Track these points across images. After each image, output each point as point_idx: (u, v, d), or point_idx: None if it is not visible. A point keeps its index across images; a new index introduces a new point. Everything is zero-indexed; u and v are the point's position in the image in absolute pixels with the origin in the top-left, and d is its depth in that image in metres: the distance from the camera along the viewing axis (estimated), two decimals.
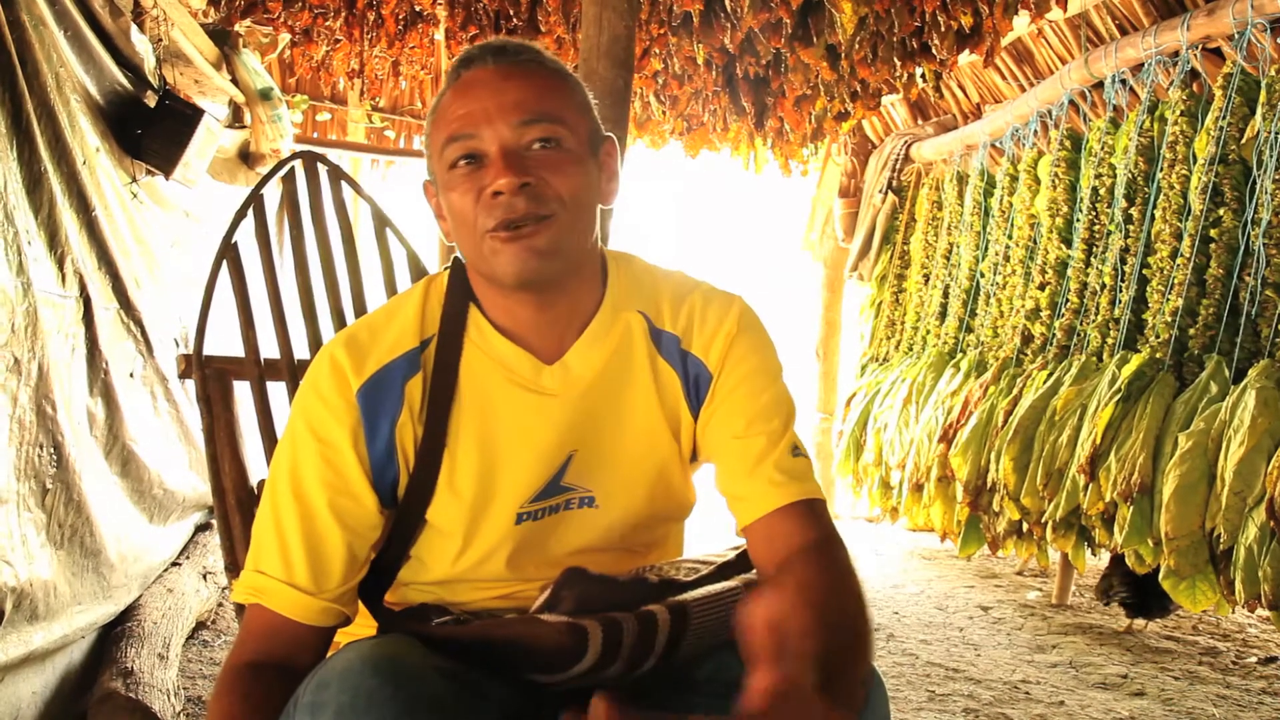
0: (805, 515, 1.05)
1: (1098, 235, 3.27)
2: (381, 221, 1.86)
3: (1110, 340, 3.09)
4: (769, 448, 1.07)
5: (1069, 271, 3.38)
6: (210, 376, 1.60)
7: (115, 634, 2.39)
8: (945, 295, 4.32)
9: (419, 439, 1.05)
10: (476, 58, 1.04)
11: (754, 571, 1.10)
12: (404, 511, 1.06)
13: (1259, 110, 2.63)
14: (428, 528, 1.08)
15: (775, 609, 0.76)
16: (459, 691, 0.90)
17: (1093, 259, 3.28)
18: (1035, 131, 3.76)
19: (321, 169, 1.83)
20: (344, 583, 1.03)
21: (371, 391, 1.03)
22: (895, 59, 3.09)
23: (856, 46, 3.00)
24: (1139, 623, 3.26)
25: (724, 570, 1.11)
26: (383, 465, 1.04)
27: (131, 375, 2.69)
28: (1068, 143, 3.52)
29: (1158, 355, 2.83)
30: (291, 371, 1.65)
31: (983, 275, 4.02)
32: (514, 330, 1.08)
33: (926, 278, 4.54)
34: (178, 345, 3.05)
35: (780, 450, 1.08)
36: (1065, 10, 3.32)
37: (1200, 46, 2.89)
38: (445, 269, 1.13)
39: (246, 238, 1.66)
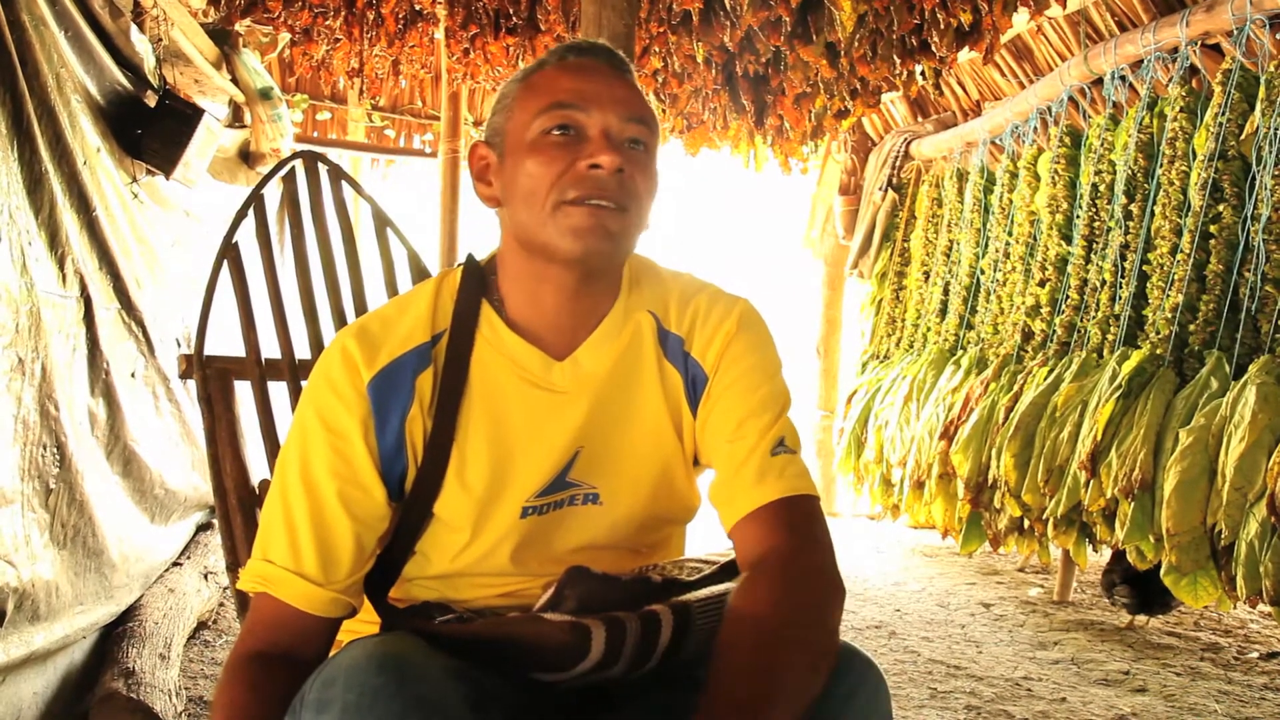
0: (771, 520, 1.05)
1: (1098, 232, 3.27)
2: (382, 221, 1.86)
3: (1111, 336, 3.09)
4: (752, 449, 1.08)
5: (1069, 268, 3.38)
6: (211, 376, 1.60)
7: (117, 634, 2.39)
8: (946, 292, 4.32)
9: (428, 432, 1.05)
10: (588, 50, 1.10)
11: None
12: (411, 505, 1.07)
13: (1258, 106, 2.63)
14: (434, 521, 1.08)
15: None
16: (463, 690, 0.90)
17: (1093, 255, 3.28)
18: (1035, 128, 3.76)
19: (322, 168, 1.83)
20: (352, 574, 1.03)
21: (383, 384, 1.04)
22: (895, 56, 3.08)
23: (856, 44, 3.00)
24: (1140, 619, 3.26)
25: (727, 570, 1.11)
26: (392, 458, 1.05)
27: (133, 375, 2.69)
28: (1067, 139, 3.52)
29: (1158, 351, 2.83)
30: (293, 371, 1.65)
31: (983, 272, 4.02)
32: (527, 326, 1.10)
33: (927, 275, 4.54)
34: (179, 345, 3.05)
35: (762, 450, 1.07)
36: (1064, 7, 3.33)
37: (1199, 43, 2.89)
38: (459, 265, 1.14)
39: (247, 237, 1.66)
